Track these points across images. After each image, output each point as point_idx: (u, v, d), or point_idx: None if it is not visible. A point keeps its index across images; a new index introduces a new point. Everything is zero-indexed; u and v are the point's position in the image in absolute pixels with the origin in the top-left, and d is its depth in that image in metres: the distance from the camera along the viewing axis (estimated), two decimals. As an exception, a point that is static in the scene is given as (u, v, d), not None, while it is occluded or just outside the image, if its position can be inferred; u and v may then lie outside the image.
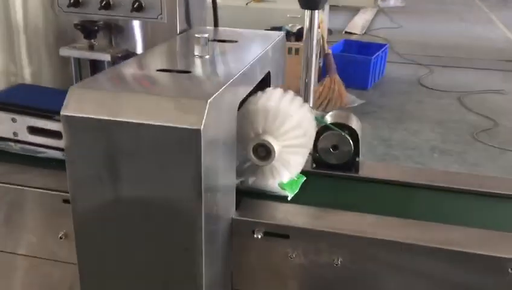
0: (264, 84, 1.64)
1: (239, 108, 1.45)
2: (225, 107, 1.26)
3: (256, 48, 1.63)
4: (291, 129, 1.45)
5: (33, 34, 1.86)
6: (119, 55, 1.80)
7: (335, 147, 1.67)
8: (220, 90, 1.21)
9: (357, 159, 1.69)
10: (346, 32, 8.09)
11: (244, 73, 1.40)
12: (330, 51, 5.35)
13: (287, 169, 1.50)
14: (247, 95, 1.50)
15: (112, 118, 1.15)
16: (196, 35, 1.49)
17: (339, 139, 1.65)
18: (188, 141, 1.13)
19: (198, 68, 1.43)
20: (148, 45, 1.86)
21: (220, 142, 1.26)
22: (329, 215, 1.48)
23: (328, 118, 1.71)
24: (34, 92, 1.82)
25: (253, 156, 1.46)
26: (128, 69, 1.38)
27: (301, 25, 5.38)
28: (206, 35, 1.49)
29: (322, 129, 1.67)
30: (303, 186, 1.60)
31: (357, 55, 5.80)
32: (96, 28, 1.81)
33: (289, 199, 1.53)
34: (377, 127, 4.91)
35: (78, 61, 1.86)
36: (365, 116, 5.10)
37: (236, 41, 1.71)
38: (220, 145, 1.26)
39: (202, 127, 1.11)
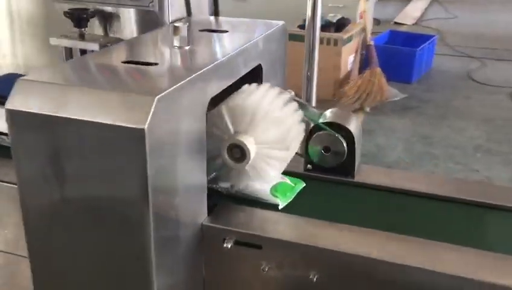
0: (254, 79, 1.51)
1: (217, 104, 1.34)
2: (186, 103, 1.15)
3: (244, 39, 1.50)
4: (270, 129, 1.32)
5: (25, 22, 1.80)
6: (109, 44, 1.71)
7: (327, 149, 1.52)
8: (178, 85, 1.10)
9: (355, 163, 1.53)
10: (395, 22, 7.76)
11: (219, 66, 1.28)
12: (372, 42, 5.11)
13: (265, 173, 1.36)
14: (229, 91, 1.38)
15: (55, 114, 1.06)
16: (175, 24, 1.38)
17: (331, 140, 1.51)
18: (132, 141, 1.02)
19: (168, 60, 1.32)
20: (140, 34, 1.76)
21: (178, 142, 1.15)
22: (310, 226, 1.35)
23: (325, 117, 1.56)
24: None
25: (226, 157, 1.33)
26: (93, 59, 1.29)
27: (343, 15, 5.18)
28: (186, 24, 1.38)
29: (314, 129, 1.53)
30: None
31: (402, 47, 5.52)
32: (86, 16, 1.73)
33: (280, 207, 1.40)
34: (418, 124, 4.66)
35: (69, 51, 1.79)
36: (406, 111, 4.86)
37: (226, 31, 1.59)
38: (178, 145, 1.15)
39: (147, 126, 1.00)
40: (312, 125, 1.54)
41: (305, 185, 1.51)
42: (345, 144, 1.49)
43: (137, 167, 1.03)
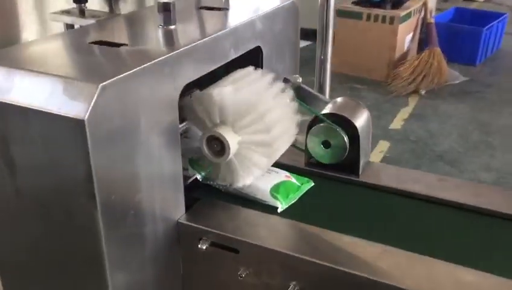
0: (251, 63, 1.37)
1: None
2: (146, 90, 1.03)
3: (239, 18, 1.35)
4: (254, 122, 1.18)
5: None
6: (109, 21, 1.61)
7: (326, 144, 1.36)
8: (132, 71, 0.98)
9: (359, 160, 1.36)
10: (464, -1, 7.24)
11: (196, 49, 1.15)
12: (433, 20, 4.76)
13: (247, 169, 1.23)
14: (216, 77, 1.26)
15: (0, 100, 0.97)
16: (161, 0, 1.25)
17: (331, 134, 1.34)
18: (73, 132, 0.92)
19: (141, 41, 1.20)
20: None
21: (138, 133, 1.03)
22: (296, 232, 1.21)
23: (328, 108, 1.39)
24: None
25: (206, 150, 1.21)
26: (59, 39, 1.19)
27: (403, -10, 4.85)
28: (173, 1, 1.25)
29: (314, 120, 1.37)
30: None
31: (467, 25, 5.12)
32: (86, -9, 1.64)
33: (279, 210, 1.27)
34: (478, 110, 4.31)
35: (72, 27, 1.71)
36: (466, 96, 4.51)
37: (227, 9, 1.44)
38: (138, 136, 1.03)
39: (87, 117, 0.90)
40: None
41: (313, 184, 1.35)
42: (346, 139, 1.32)
43: (80, 160, 0.93)
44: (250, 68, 1.31)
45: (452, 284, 1.02)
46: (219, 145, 1.19)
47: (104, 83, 0.91)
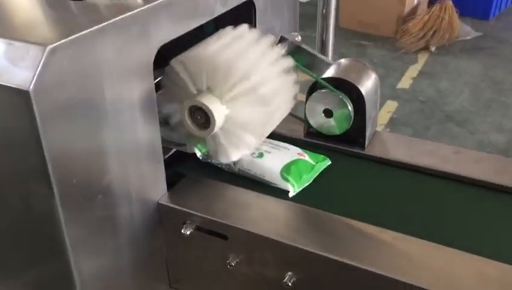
0: (243, 19, 1.19)
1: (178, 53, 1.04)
2: (110, 53, 0.86)
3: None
4: (241, 87, 1.01)
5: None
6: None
7: (328, 113, 1.19)
8: (93, 28, 0.81)
9: (366, 131, 1.20)
10: None
11: (171, 3, 0.97)
12: (445, -28, 4.50)
13: (236, 143, 1.07)
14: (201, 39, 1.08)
15: None
16: None
17: (333, 101, 1.17)
18: (18, 105, 0.76)
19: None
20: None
21: (103, 104, 0.87)
22: (292, 215, 1.05)
23: (330, 71, 1.22)
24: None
25: (188, 122, 1.05)
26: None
27: None
28: None
29: (313, 86, 1.20)
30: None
31: (481, -24, 4.84)
32: None
33: (291, 194, 1.10)
34: (490, 67, 4.10)
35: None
36: (478, 52, 4.29)
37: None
38: (102, 107, 0.87)
39: (32, 86, 0.73)
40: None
41: (329, 163, 1.18)
42: (350, 107, 1.15)
43: (29, 138, 0.78)
44: (243, 27, 1.14)
45: (474, 280, 0.87)
46: (203, 117, 1.03)
47: (54, 45, 0.75)
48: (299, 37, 1.33)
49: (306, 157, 1.16)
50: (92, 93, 0.84)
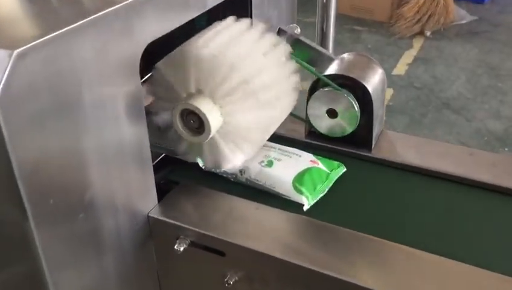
0: (238, 11, 1.08)
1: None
2: (89, 53, 0.75)
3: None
4: (237, 89, 0.91)
5: None
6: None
7: (332, 113, 1.09)
8: (67, 28, 0.70)
9: (373, 132, 1.11)
10: None
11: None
12: (440, -47, 4.38)
13: (238, 145, 0.97)
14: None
15: None
16: None
17: (337, 100, 1.07)
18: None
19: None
20: None
21: (81, 113, 0.77)
22: (296, 229, 0.96)
23: (333, 67, 1.12)
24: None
25: (180, 127, 0.95)
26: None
27: None
28: None
29: (315, 84, 1.10)
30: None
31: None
32: None
33: (305, 208, 0.99)
34: (486, 52, 4.01)
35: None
36: (474, 36, 4.19)
37: None
38: (83, 117, 0.77)
39: (-1, 95, 0.63)
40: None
41: (345, 170, 1.08)
42: (356, 107, 1.06)
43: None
44: (240, 21, 1.03)
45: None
46: (196, 121, 0.92)
47: (22, 49, 0.64)
48: (298, 29, 1.23)
49: (319, 164, 1.06)
50: (69, 99, 0.74)
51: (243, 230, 0.94)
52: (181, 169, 1.08)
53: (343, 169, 1.07)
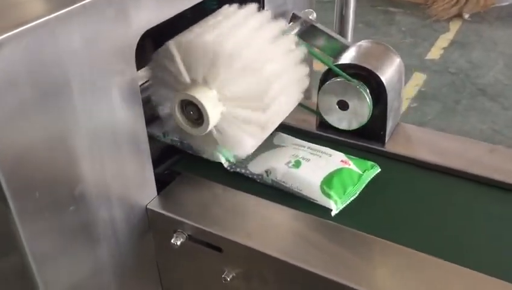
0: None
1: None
2: (77, 42, 0.72)
3: None
4: (238, 79, 0.87)
5: None
6: None
7: (343, 104, 1.04)
8: (52, 16, 0.67)
9: (386, 125, 1.05)
10: None
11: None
12: None
13: (235, 140, 0.93)
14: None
15: None
16: None
17: (349, 92, 1.02)
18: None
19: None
20: None
21: (70, 104, 0.74)
22: (301, 226, 0.91)
23: (347, 56, 1.06)
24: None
25: (179, 118, 0.91)
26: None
27: None
28: None
29: (326, 74, 1.04)
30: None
31: None
32: None
33: (333, 213, 0.93)
34: (528, 36, 3.84)
35: None
36: (515, 20, 4.01)
37: None
38: (72, 108, 0.74)
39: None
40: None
41: (379, 171, 1.01)
42: (368, 99, 1.00)
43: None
44: (250, 7, 0.98)
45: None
46: (196, 112, 0.89)
47: (4, 36, 0.61)
48: (314, 14, 1.17)
49: (351, 165, 0.99)
50: (56, 90, 0.71)
51: (243, 227, 0.91)
52: (186, 160, 1.05)
53: (377, 170, 1.00)
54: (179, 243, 0.91)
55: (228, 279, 0.90)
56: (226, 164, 1.01)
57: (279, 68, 0.91)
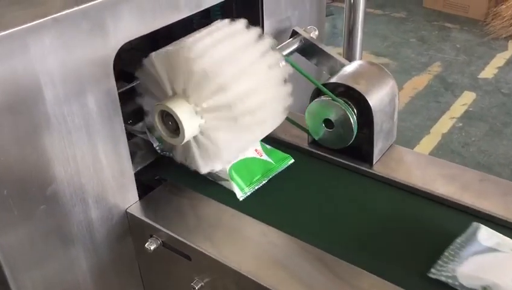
0: (248, 11, 1.06)
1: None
2: (52, 54, 0.77)
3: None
4: (217, 100, 0.89)
5: None
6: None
7: (328, 123, 1.04)
8: (28, 25, 0.73)
9: (373, 147, 1.04)
10: None
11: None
12: None
13: (209, 156, 0.95)
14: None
15: None
16: None
17: (334, 110, 1.02)
18: None
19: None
20: None
21: (43, 113, 0.79)
22: (270, 243, 0.92)
23: (338, 75, 1.06)
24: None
25: (159, 127, 0.94)
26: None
27: None
28: None
29: (314, 93, 1.05)
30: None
31: None
32: None
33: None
34: None
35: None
36: None
37: None
38: (45, 117, 0.79)
39: None
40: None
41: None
42: (352, 119, 0.99)
43: None
44: (239, 24, 1.00)
45: None
46: (174, 123, 0.92)
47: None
48: (316, 32, 1.18)
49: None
50: (26, 97, 0.76)
51: (212, 237, 0.93)
52: (174, 167, 1.08)
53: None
54: (152, 248, 0.95)
55: (196, 288, 0.92)
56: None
57: (255, 86, 0.92)
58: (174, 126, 0.92)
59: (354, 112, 0.99)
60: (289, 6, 1.18)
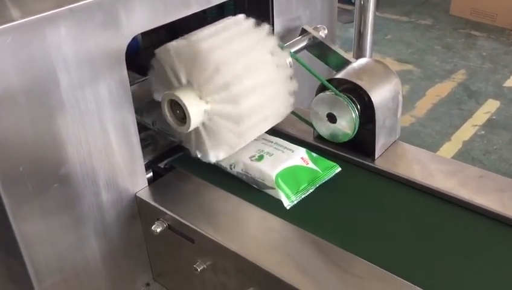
0: (256, 8, 1.11)
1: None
2: (67, 44, 0.83)
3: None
4: (213, 77, 0.94)
5: None
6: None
7: (331, 117, 1.07)
8: (41, 15, 0.78)
9: (375, 141, 1.07)
10: None
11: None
12: None
13: (216, 142, 1.00)
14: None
15: None
16: None
17: (337, 105, 1.05)
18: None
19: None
20: None
21: (57, 96, 0.85)
22: (268, 228, 0.96)
23: (343, 72, 1.10)
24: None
25: (168, 116, 1.00)
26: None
27: None
28: None
29: (319, 88, 1.08)
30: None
31: None
32: None
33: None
34: None
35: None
36: None
37: None
38: (60, 100, 0.85)
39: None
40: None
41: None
42: (353, 114, 1.03)
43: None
44: (240, 17, 1.05)
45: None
46: (181, 112, 0.97)
47: (-6, 30, 0.73)
48: (326, 31, 1.22)
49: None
50: (43, 82, 0.82)
51: (214, 222, 0.97)
52: (185, 156, 1.13)
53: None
54: (158, 230, 1.00)
55: (199, 269, 0.97)
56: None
57: (260, 83, 0.97)
58: (181, 114, 0.97)
59: (357, 107, 1.03)
60: (300, 5, 1.22)
